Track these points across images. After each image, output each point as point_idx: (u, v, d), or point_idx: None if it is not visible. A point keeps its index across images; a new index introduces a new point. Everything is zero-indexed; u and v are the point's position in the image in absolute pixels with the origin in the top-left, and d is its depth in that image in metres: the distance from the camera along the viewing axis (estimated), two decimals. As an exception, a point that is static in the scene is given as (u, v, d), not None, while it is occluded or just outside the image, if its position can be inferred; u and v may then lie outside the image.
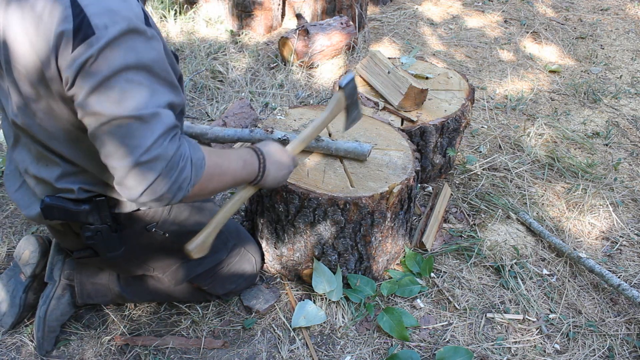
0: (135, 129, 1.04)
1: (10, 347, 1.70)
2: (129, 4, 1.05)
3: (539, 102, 3.22)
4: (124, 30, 1.02)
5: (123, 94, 1.03)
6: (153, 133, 1.06)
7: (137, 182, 1.07)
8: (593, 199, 2.43)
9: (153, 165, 1.06)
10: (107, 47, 1.01)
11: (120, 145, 1.05)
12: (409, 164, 1.85)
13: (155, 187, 1.08)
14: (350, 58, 3.49)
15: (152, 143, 1.05)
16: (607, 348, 1.78)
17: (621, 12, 4.49)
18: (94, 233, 1.35)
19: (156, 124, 1.06)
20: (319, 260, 1.83)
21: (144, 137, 1.05)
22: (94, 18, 1.00)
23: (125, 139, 1.04)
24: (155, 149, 1.06)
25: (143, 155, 1.05)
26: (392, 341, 1.77)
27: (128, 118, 1.03)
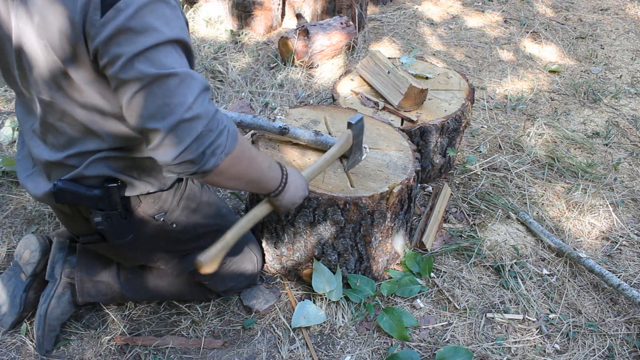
0: (175, 86, 1.05)
1: (10, 347, 1.70)
2: None
3: (539, 102, 3.22)
4: None
5: (158, 55, 1.04)
6: (193, 91, 1.06)
7: (177, 140, 1.06)
8: (593, 199, 2.43)
9: (195, 124, 1.06)
10: (137, 13, 1.02)
11: (162, 105, 1.05)
12: (409, 164, 1.85)
13: (193, 146, 1.07)
14: (350, 58, 3.49)
15: (193, 100, 1.06)
16: (607, 348, 1.78)
17: (621, 12, 4.49)
18: (104, 219, 1.36)
19: (193, 81, 1.07)
20: (318, 260, 1.83)
21: (184, 94, 1.06)
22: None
23: (166, 97, 1.05)
24: (197, 107, 1.06)
25: (186, 112, 1.05)
26: (392, 341, 1.77)
27: (167, 76, 1.04)
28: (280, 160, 1.82)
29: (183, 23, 1.12)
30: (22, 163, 1.47)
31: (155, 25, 1.04)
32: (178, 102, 1.05)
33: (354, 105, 2.33)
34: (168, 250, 1.61)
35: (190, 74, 1.07)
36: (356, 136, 1.68)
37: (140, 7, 1.02)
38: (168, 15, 1.06)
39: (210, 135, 1.09)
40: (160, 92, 1.05)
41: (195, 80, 1.08)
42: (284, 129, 1.83)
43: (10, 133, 2.64)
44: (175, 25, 1.08)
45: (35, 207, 2.22)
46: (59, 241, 1.74)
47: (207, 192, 1.64)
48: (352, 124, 1.65)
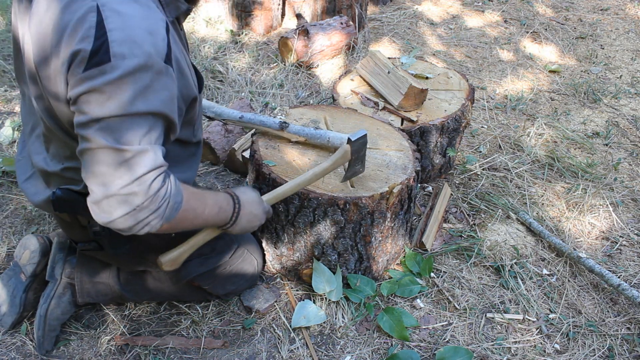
0: (121, 161, 1.05)
1: (10, 347, 1.70)
2: (155, 37, 1.04)
3: (539, 102, 3.22)
4: (140, 66, 1.01)
5: (120, 127, 1.03)
6: (139, 169, 1.06)
7: (109, 209, 1.08)
8: (593, 199, 2.43)
9: (130, 199, 1.07)
10: (119, 80, 1.00)
11: (104, 173, 1.06)
12: (409, 164, 1.85)
13: (125, 219, 1.09)
14: (350, 58, 3.49)
15: (135, 178, 1.06)
16: (607, 348, 1.78)
17: (621, 12, 4.49)
18: (102, 229, 1.36)
19: (144, 160, 1.07)
20: (318, 261, 1.83)
21: (130, 171, 1.06)
22: (115, 45, 0.99)
23: (110, 167, 1.05)
24: (137, 185, 1.06)
25: (123, 188, 1.06)
26: (392, 341, 1.77)
27: (117, 150, 1.04)
28: (280, 160, 1.82)
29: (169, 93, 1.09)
30: (21, 164, 1.47)
31: (130, 96, 1.01)
32: (119, 175, 1.05)
33: (354, 105, 2.33)
34: None
35: (143, 152, 1.07)
36: (356, 152, 1.64)
37: (123, 74, 1.00)
38: (152, 86, 1.04)
39: (145, 212, 1.09)
40: (105, 161, 1.05)
41: (146, 159, 1.07)
42: (283, 124, 1.83)
43: (10, 133, 2.64)
44: (156, 97, 1.06)
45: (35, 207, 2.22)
46: (59, 241, 1.74)
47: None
48: (352, 140, 1.60)
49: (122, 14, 1.02)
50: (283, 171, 1.75)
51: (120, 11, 1.02)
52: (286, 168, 1.78)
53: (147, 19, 1.04)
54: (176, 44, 1.16)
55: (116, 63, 0.99)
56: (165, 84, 1.07)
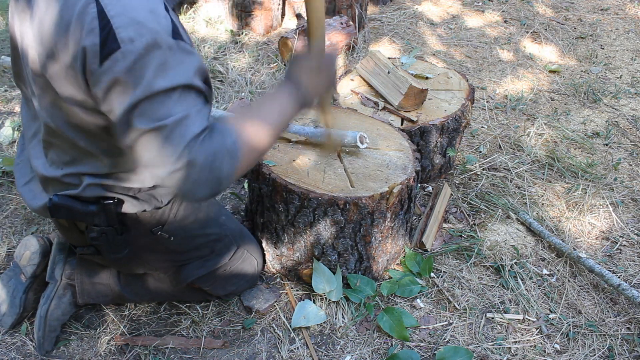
0: (164, 138, 1.05)
1: (10, 347, 1.70)
2: (157, 15, 1.04)
3: (539, 102, 3.22)
4: (150, 44, 1.00)
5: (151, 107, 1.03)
6: (183, 138, 1.05)
7: (178, 184, 1.08)
8: (593, 199, 2.43)
9: (187, 171, 1.06)
10: (133, 64, 1.00)
11: (154, 157, 1.06)
12: (409, 164, 1.85)
13: (194, 189, 1.08)
14: (350, 58, 3.49)
15: (182, 149, 1.05)
16: (607, 348, 1.78)
17: (621, 12, 4.49)
18: (99, 234, 1.36)
19: (185, 128, 1.05)
20: (318, 261, 1.83)
21: (175, 145, 1.05)
22: (120, 31, 0.99)
23: (157, 150, 1.05)
24: (187, 155, 1.05)
25: (176, 163, 1.05)
26: (392, 341, 1.77)
27: (156, 129, 1.04)
28: (280, 160, 1.82)
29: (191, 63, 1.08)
30: (20, 168, 1.46)
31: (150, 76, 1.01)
32: (168, 153, 1.05)
33: (354, 105, 2.33)
34: (166, 261, 1.60)
35: (182, 119, 1.05)
36: None
37: (137, 58, 1.00)
38: (168, 62, 1.03)
39: (208, 176, 1.08)
40: (150, 145, 1.05)
41: (188, 126, 1.06)
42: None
43: (10, 133, 2.64)
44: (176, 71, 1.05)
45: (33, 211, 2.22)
46: (59, 242, 1.74)
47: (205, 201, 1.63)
48: None
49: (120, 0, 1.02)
50: (283, 171, 1.75)
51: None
52: (286, 168, 1.78)
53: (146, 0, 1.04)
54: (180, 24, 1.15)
55: (126, 48, 0.99)
56: (180, 58, 1.06)
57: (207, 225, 1.60)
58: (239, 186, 2.42)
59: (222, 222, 1.67)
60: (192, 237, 1.56)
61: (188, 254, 1.60)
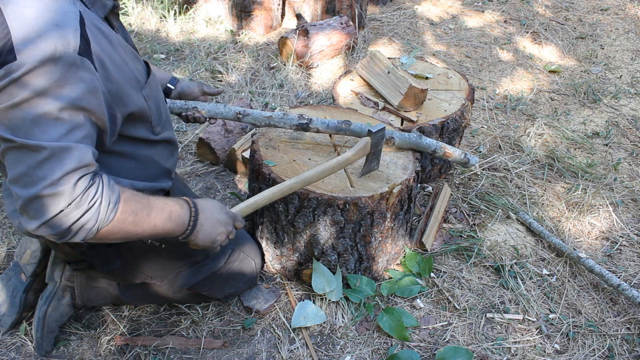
0: (42, 160, 1.00)
1: (10, 347, 1.70)
2: (63, 29, 1.00)
3: (539, 102, 3.22)
4: (47, 59, 0.97)
5: (36, 124, 0.99)
6: (62, 167, 1.01)
7: (35, 213, 1.02)
8: (593, 199, 2.43)
9: (55, 201, 1.01)
10: (26, 75, 0.96)
11: (25, 174, 1.01)
12: (409, 164, 1.85)
13: (54, 222, 1.03)
14: (350, 58, 3.49)
15: (58, 178, 1.00)
16: (607, 348, 1.78)
17: (621, 12, 4.49)
18: (88, 248, 1.34)
19: (67, 158, 1.01)
20: (318, 261, 1.83)
21: (51, 169, 1.00)
22: (19, 43, 0.96)
23: (31, 168, 1.00)
24: (61, 185, 1.01)
25: (46, 189, 1.00)
26: (392, 341, 1.77)
27: (34, 148, 0.99)
28: (280, 160, 1.82)
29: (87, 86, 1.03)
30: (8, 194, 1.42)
31: (40, 90, 0.97)
32: (42, 175, 1.00)
33: (354, 105, 2.33)
34: (160, 270, 1.59)
35: (66, 148, 1.01)
36: (375, 145, 1.67)
37: (30, 69, 0.96)
38: (65, 79, 1.00)
39: (76, 214, 1.03)
40: (24, 160, 1.00)
41: (69, 157, 1.01)
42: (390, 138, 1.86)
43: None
44: (72, 90, 1.01)
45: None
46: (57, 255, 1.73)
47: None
48: (372, 132, 1.64)
49: (25, 10, 0.99)
50: (283, 171, 1.75)
51: (23, 7, 0.99)
52: (286, 168, 1.78)
53: (53, 12, 1.00)
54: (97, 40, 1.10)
55: (22, 60, 0.96)
56: (80, 76, 1.02)
57: None
58: (239, 186, 2.42)
59: None
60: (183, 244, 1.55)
61: (181, 260, 1.59)
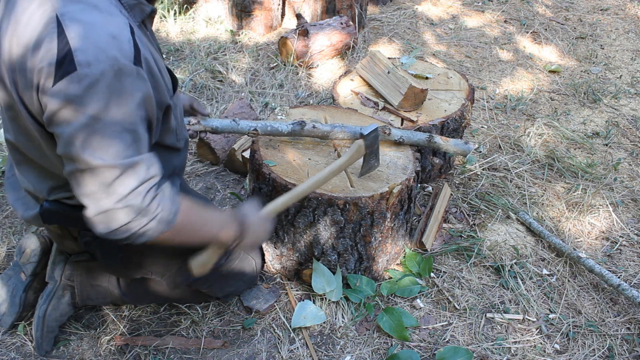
0: (112, 179, 1.04)
1: (10, 347, 1.70)
2: (119, 41, 1.02)
3: (539, 102, 3.22)
4: (107, 70, 0.99)
5: (102, 142, 1.02)
6: (129, 184, 1.06)
7: (106, 224, 1.08)
8: (593, 199, 2.43)
9: (124, 214, 1.07)
10: (89, 89, 0.98)
11: (95, 191, 1.06)
12: (409, 164, 1.85)
13: (119, 231, 1.09)
14: (350, 58, 3.49)
15: (128, 192, 1.06)
16: (607, 348, 1.78)
17: (621, 12, 4.49)
18: (92, 239, 1.35)
19: (136, 173, 1.07)
20: (318, 261, 1.83)
21: (121, 186, 1.05)
22: (79, 54, 0.97)
23: (102, 186, 1.05)
24: (130, 200, 1.06)
25: (118, 203, 1.06)
26: (392, 341, 1.77)
27: (105, 168, 1.03)
28: (280, 160, 1.82)
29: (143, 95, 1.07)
30: (11, 182, 1.44)
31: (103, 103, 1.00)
32: (112, 192, 1.05)
33: (354, 105, 2.33)
34: (161, 265, 1.59)
35: (131, 166, 1.06)
36: (369, 146, 1.66)
37: (92, 82, 0.98)
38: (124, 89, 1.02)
39: (140, 223, 1.09)
40: (96, 180, 1.05)
41: (135, 174, 1.07)
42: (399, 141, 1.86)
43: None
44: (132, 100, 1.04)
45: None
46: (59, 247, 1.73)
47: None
48: (364, 134, 1.63)
49: (83, 22, 1.00)
50: (283, 171, 1.75)
51: (80, 19, 1.00)
52: (286, 168, 1.78)
53: (109, 24, 1.02)
54: (145, 46, 1.14)
55: (82, 71, 0.97)
56: (137, 85, 1.05)
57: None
58: (239, 186, 2.42)
59: None
60: None
61: (183, 256, 1.60)
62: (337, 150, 1.90)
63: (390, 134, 1.86)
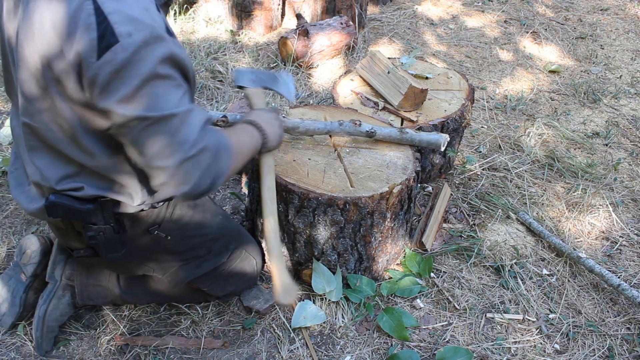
0: (177, 126, 1.10)
1: (10, 347, 1.70)
2: (151, 13, 1.07)
3: (539, 102, 3.22)
4: (147, 38, 1.04)
5: (157, 97, 1.07)
6: (194, 127, 1.13)
7: (187, 176, 1.14)
8: (593, 199, 2.43)
9: (201, 158, 1.14)
10: (134, 55, 1.03)
11: (166, 145, 1.10)
12: (409, 164, 1.85)
13: (203, 179, 1.16)
14: (350, 58, 3.49)
15: (196, 137, 1.12)
16: (607, 348, 1.78)
17: (621, 12, 4.49)
18: (97, 233, 1.35)
19: (194, 118, 1.13)
20: (318, 261, 1.83)
21: (186, 132, 1.11)
22: (118, 26, 1.02)
23: (169, 137, 1.10)
24: (200, 142, 1.13)
25: (191, 149, 1.12)
26: (392, 341, 1.77)
27: (168, 117, 1.09)
28: (280, 159, 1.82)
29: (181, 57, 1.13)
30: (15, 176, 1.44)
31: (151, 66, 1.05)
32: (182, 139, 1.11)
33: (354, 105, 2.33)
34: (163, 261, 1.59)
35: (189, 110, 1.12)
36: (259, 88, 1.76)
37: (136, 49, 1.03)
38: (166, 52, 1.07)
39: (216, 163, 1.17)
40: (163, 132, 1.10)
41: (195, 116, 1.13)
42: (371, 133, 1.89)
43: (10, 133, 2.64)
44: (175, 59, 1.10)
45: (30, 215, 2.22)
46: (60, 243, 1.74)
47: (202, 200, 1.62)
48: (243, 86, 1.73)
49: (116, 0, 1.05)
50: (283, 171, 1.75)
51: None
52: (286, 168, 1.78)
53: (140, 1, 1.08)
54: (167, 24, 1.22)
55: (125, 42, 1.01)
56: (175, 50, 1.10)
57: (204, 224, 1.60)
58: (239, 186, 2.42)
59: (219, 221, 1.66)
60: (189, 237, 1.56)
61: (185, 254, 1.60)
62: (337, 150, 1.90)
63: (360, 125, 1.88)
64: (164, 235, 1.48)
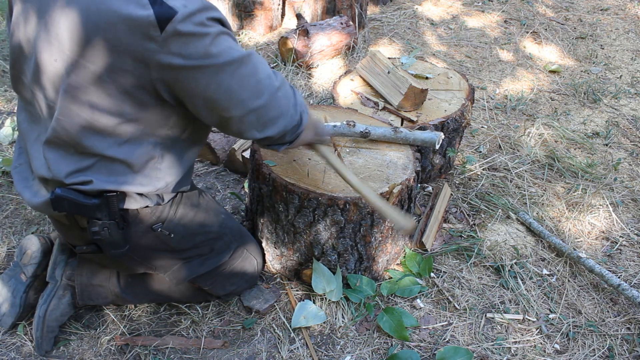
0: (255, 63, 1.21)
1: (10, 347, 1.70)
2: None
3: (539, 102, 3.22)
4: (201, 6, 1.12)
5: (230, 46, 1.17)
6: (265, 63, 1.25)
7: (281, 105, 1.28)
8: (593, 199, 2.43)
9: (285, 90, 1.28)
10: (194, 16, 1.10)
11: (256, 83, 1.21)
12: (409, 164, 1.85)
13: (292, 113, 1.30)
14: (350, 58, 3.49)
15: (270, 70, 1.24)
16: (607, 348, 1.78)
17: (621, 12, 4.49)
18: (101, 228, 1.36)
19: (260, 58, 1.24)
20: (318, 261, 1.83)
21: (263, 68, 1.23)
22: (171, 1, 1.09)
23: (255, 75, 1.21)
24: (276, 73, 1.26)
25: (274, 80, 1.25)
26: (392, 341, 1.77)
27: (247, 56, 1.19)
28: (281, 159, 1.82)
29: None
30: (20, 171, 1.45)
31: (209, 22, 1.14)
32: (264, 75, 1.23)
33: (354, 105, 2.33)
34: (166, 259, 1.59)
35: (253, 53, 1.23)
36: None
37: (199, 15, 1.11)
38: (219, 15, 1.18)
39: (297, 97, 1.33)
40: (248, 72, 1.20)
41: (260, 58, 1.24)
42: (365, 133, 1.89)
43: (10, 133, 2.64)
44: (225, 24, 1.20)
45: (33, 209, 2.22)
46: (61, 243, 1.73)
47: (205, 199, 1.63)
48: None
49: None
50: (283, 171, 1.76)
51: None
52: (286, 168, 1.78)
53: None
54: None
55: (183, 11, 1.09)
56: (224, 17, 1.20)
57: (207, 223, 1.60)
58: (239, 186, 2.42)
59: (222, 220, 1.67)
60: (192, 235, 1.56)
61: (188, 252, 1.60)
62: (337, 150, 1.90)
63: (355, 126, 1.89)
64: (167, 233, 1.49)
